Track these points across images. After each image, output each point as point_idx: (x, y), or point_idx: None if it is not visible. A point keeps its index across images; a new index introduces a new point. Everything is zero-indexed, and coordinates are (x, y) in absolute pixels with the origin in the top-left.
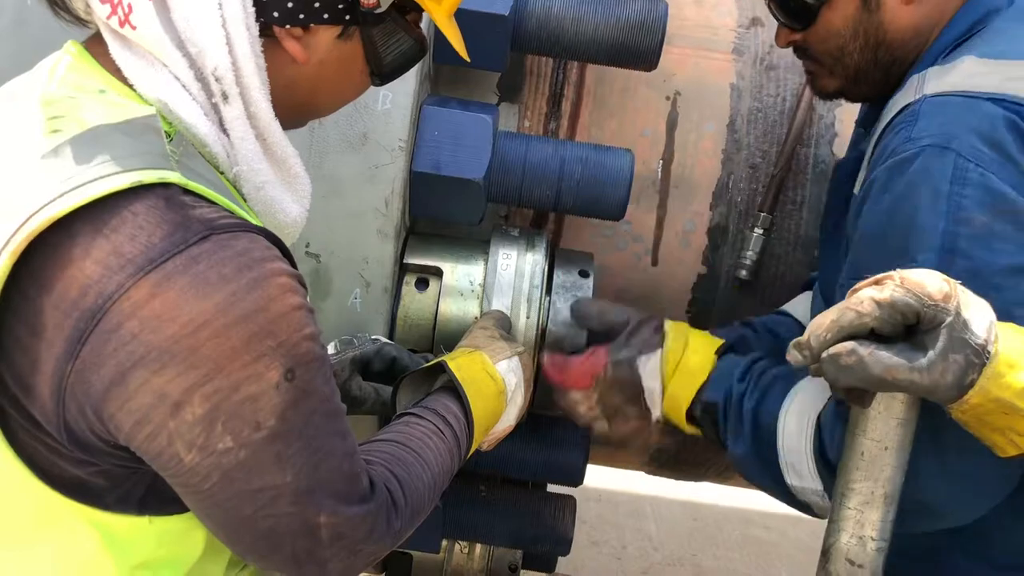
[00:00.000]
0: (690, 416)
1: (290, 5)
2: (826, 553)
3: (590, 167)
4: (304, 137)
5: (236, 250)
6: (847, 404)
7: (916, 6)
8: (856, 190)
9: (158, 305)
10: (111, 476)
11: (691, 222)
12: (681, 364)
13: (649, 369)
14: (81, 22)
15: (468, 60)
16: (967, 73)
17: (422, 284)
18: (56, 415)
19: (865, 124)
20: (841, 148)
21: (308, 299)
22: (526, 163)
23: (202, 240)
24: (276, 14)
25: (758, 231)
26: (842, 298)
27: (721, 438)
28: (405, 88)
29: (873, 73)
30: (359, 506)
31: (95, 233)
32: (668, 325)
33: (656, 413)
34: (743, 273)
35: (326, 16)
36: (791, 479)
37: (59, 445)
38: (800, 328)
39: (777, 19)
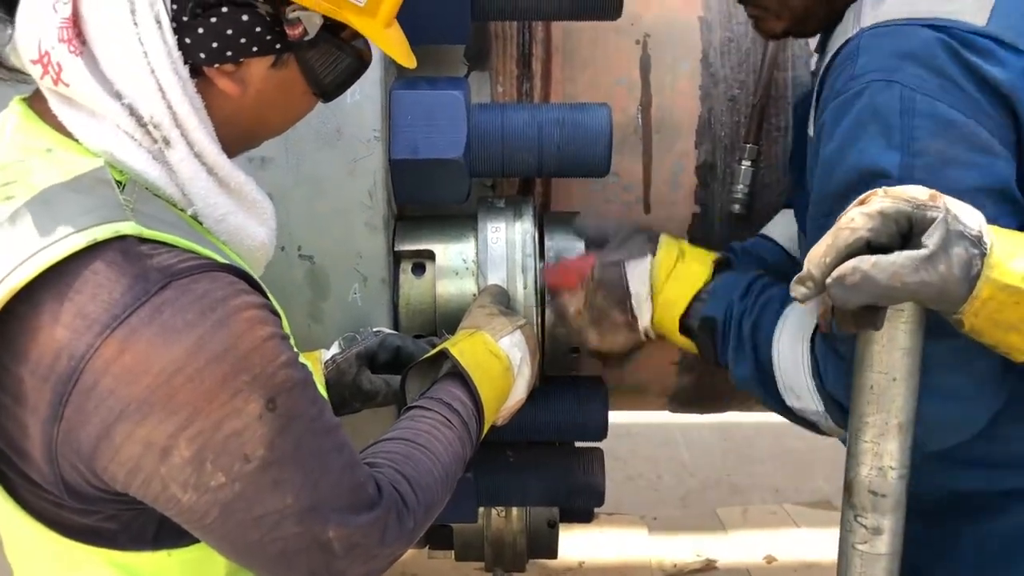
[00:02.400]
0: (684, 327)
1: (215, 45)
2: (848, 487)
3: (568, 128)
4: (278, 141)
5: (197, 294)
6: (858, 330)
7: None
8: (810, 131)
9: (129, 359)
10: (119, 520)
11: (678, 164)
12: (676, 271)
13: (637, 273)
14: (21, 76)
15: (412, 67)
16: (900, 0)
17: (419, 269)
18: (53, 475)
19: (819, 49)
20: None
21: (283, 327)
22: (503, 133)
23: (162, 289)
24: (203, 55)
25: (746, 163)
26: (816, 232)
27: (718, 355)
28: (372, 77)
29: (818, 9)
30: (367, 513)
31: (59, 297)
32: (663, 236)
33: (643, 321)
34: (737, 207)
35: (255, 49)
36: (791, 401)
37: (62, 500)
38: (780, 249)
39: None
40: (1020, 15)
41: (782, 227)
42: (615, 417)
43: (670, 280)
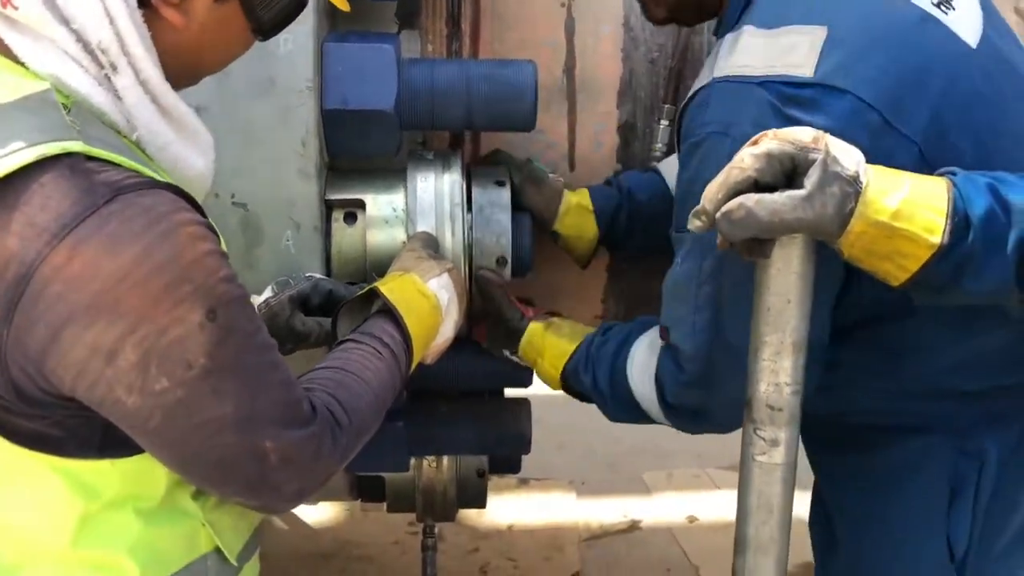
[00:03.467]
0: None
1: None
2: (748, 403)
3: (495, 83)
4: (212, 90)
5: (143, 207)
6: (750, 258)
7: None
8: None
9: (77, 266)
10: (66, 426)
11: (601, 123)
12: (539, 369)
13: (516, 358)
14: None
15: (347, 9)
16: (745, 50)
17: (350, 218)
18: (2, 378)
19: (718, 33)
20: None
21: (221, 245)
22: (433, 87)
23: (109, 201)
24: None
25: (664, 123)
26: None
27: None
28: (304, 29)
29: (690, 5)
30: (302, 429)
31: (8, 208)
32: (525, 335)
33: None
34: (656, 164)
35: None
36: (657, 419)
37: (11, 404)
38: (663, 185)
39: None
40: (845, 54)
41: (674, 164)
42: (548, 388)
43: (538, 373)
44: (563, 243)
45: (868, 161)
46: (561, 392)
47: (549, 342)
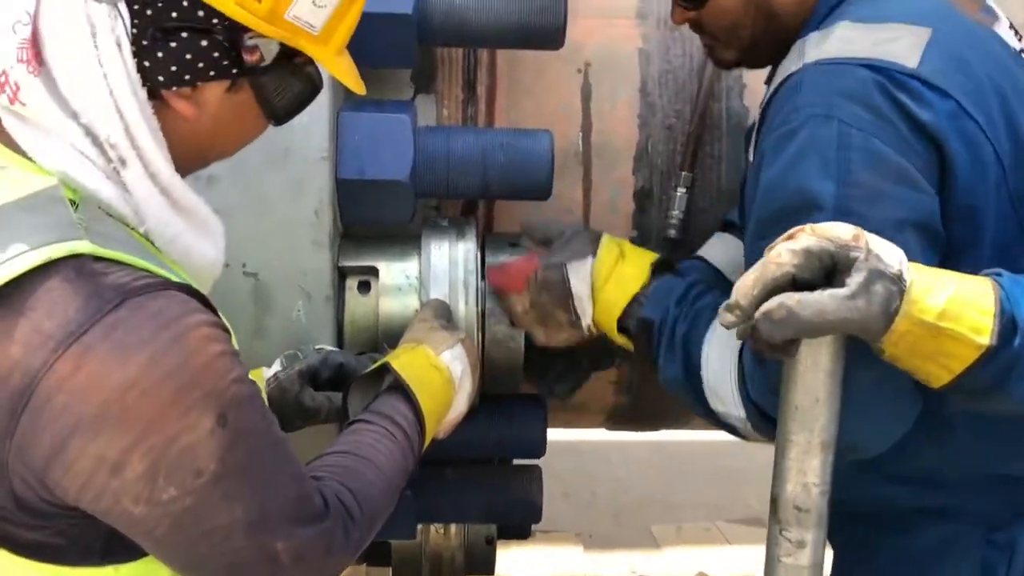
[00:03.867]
0: (622, 327)
1: (174, 68)
2: (774, 502)
3: (511, 152)
4: (226, 161)
5: (151, 311)
6: (777, 358)
7: None
8: (750, 156)
9: (83, 376)
10: (68, 535)
11: (616, 189)
12: (616, 272)
13: (579, 274)
14: None
15: (361, 92)
16: (842, 39)
17: (364, 287)
18: (3, 489)
19: (769, 82)
20: (751, 99)
21: (232, 343)
22: (449, 155)
23: (117, 307)
24: (161, 78)
25: (681, 190)
26: (754, 256)
27: (653, 355)
28: (320, 100)
29: (766, 43)
30: (314, 525)
31: (13, 314)
32: (605, 237)
33: (586, 320)
34: (672, 232)
35: (212, 73)
36: (715, 405)
37: (11, 514)
38: (714, 270)
39: None
40: (947, 60)
41: (717, 249)
42: (552, 436)
43: (609, 282)
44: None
45: (960, 170)
46: (566, 439)
47: (634, 247)
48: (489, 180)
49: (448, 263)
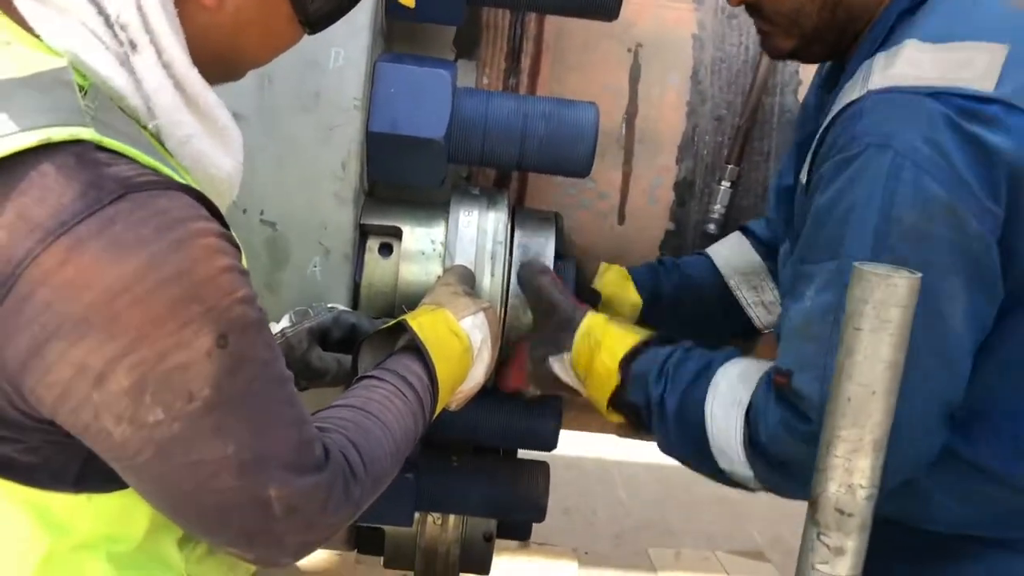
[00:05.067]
0: (614, 409)
1: None
2: (814, 503)
3: (554, 123)
4: (253, 98)
5: (155, 209)
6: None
7: None
8: (802, 177)
9: (71, 271)
10: (41, 453)
11: (657, 178)
12: (592, 369)
13: (563, 366)
14: None
15: (410, 4)
16: (909, 62)
17: (386, 249)
18: None
19: (826, 86)
20: None
21: (242, 261)
22: (487, 120)
23: (118, 200)
24: None
25: (725, 184)
26: (795, 279)
27: (650, 429)
28: (358, 44)
29: (828, 33)
30: (312, 476)
31: (1, 198)
32: (582, 324)
33: (584, 392)
34: (711, 228)
35: None
36: (723, 464)
37: None
38: (714, 270)
39: None
40: None
41: (726, 249)
42: (557, 449)
43: (589, 378)
44: (604, 308)
45: None
46: (570, 454)
47: (612, 331)
48: (527, 149)
49: (476, 232)
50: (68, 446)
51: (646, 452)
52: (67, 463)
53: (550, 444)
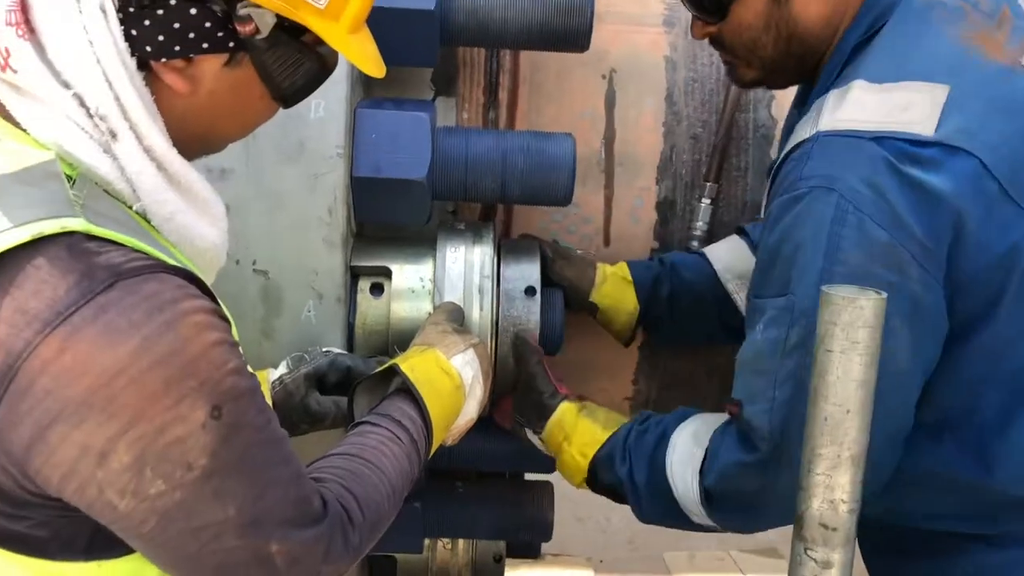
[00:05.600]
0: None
1: (162, 38)
2: (800, 520)
3: (532, 155)
4: (239, 152)
5: (144, 294)
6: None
7: None
8: (762, 212)
9: (69, 359)
10: (51, 527)
11: (639, 199)
12: (561, 460)
13: (538, 441)
14: None
15: (380, 76)
16: (855, 104)
17: (377, 290)
18: None
19: (798, 106)
20: (779, 110)
21: (232, 333)
22: (468, 157)
23: (109, 288)
24: (149, 48)
25: (705, 201)
26: (750, 312)
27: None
28: (337, 94)
29: (787, 63)
30: (311, 528)
31: None
32: (555, 414)
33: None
34: (695, 244)
35: (205, 46)
36: (695, 519)
37: None
38: (710, 271)
39: (691, 12)
40: (968, 117)
41: (723, 250)
42: None
43: (559, 464)
44: (601, 317)
45: (978, 232)
46: None
47: (582, 426)
48: (508, 183)
49: (464, 267)
50: (76, 519)
51: None
52: (76, 534)
53: (551, 466)
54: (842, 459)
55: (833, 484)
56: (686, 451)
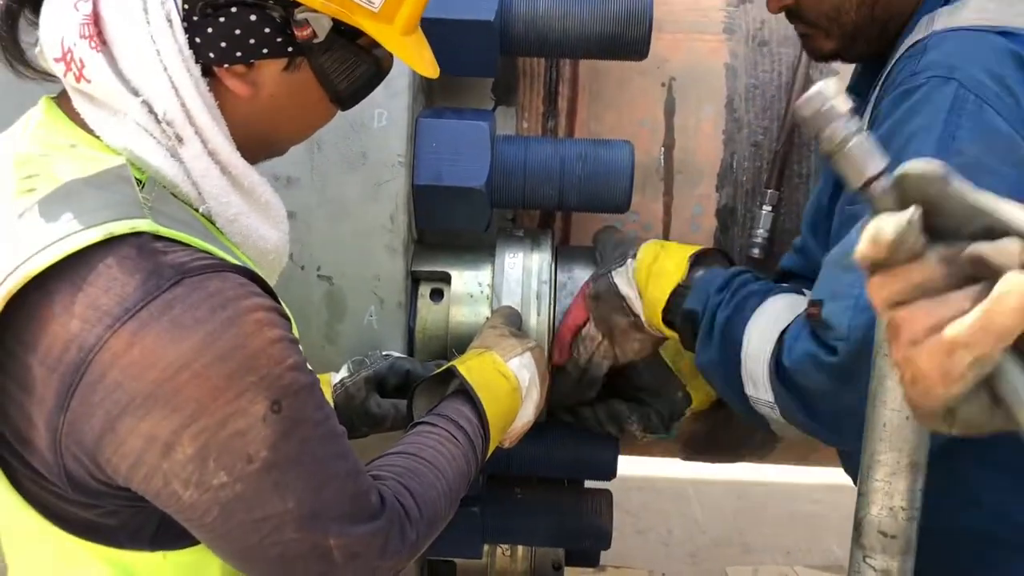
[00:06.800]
0: (668, 321)
1: (224, 45)
2: (858, 527)
3: (590, 163)
4: (304, 162)
5: (208, 291)
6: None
7: None
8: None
9: (137, 353)
10: (120, 516)
11: (699, 206)
12: (654, 269)
13: (623, 277)
14: (50, 77)
15: (434, 77)
16: (976, 10)
17: (437, 295)
18: (56, 465)
19: (857, 89)
20: None
21: (292, 330)
22: (526, 165)
23: (174, 285)
24: (212, 54)
25: (766, 208)
26: (838, 222)
27: (694, 343)
28: (399, 104)
29: (870, 30)
30: (369, 523)
31: (72, 288)
32: (645, 242)
33: (644, 318)
34: (755, 252)
35: (265, 51)
36: (748, 388)
37: (65, 492)
38: None
39: None
40: None
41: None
42: (627, 470)
43: (650, 280)
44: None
45: None
46: (641, 474)
47: (673, 245)
48: (566, 190)
49: (522, 273)
50: (143, 509)
51: (721, 469)
52: (143, 524)
53: (609, 473)
54: (901, 466)
55: (892, 491)
56: (774, 320)
